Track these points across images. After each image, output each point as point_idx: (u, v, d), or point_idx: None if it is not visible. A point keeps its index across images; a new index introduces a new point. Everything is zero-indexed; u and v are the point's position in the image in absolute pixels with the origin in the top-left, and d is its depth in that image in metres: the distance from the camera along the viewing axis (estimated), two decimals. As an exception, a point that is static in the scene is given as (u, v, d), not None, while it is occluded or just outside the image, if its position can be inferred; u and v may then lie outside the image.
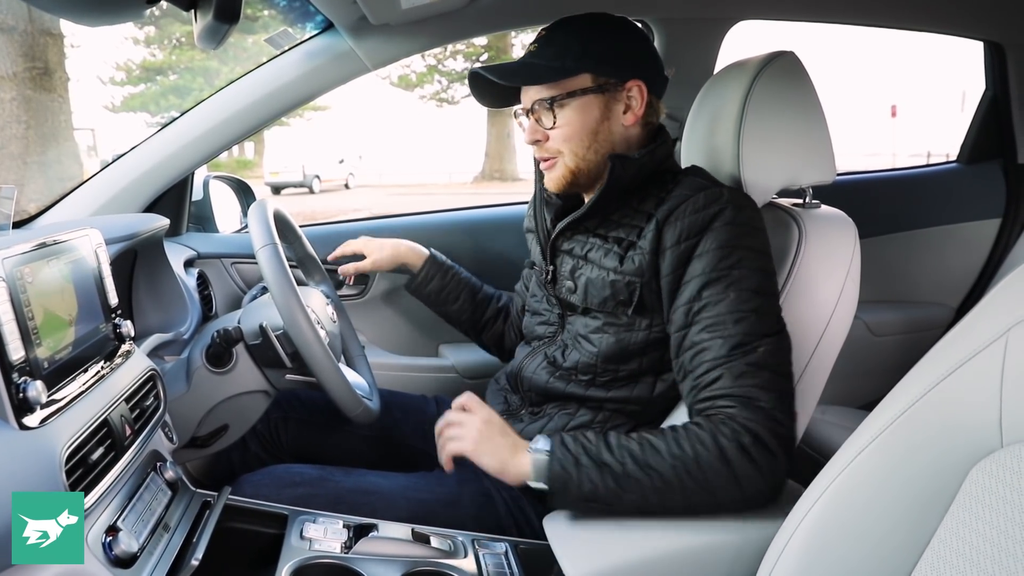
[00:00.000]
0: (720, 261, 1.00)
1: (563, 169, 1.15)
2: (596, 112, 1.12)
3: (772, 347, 0.97)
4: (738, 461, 0.91)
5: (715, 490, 0.91)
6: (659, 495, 0.92)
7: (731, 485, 0.91)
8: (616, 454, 0.94)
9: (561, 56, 1.10)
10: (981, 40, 2.14)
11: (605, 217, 1.15)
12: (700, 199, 1.04)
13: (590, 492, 0.93)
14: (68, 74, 5.07)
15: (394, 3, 1.35)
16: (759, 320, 0.98)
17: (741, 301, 0.98)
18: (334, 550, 0.99)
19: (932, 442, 0.63)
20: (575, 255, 1.18)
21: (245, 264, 1.79)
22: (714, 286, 1.00)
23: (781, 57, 1.18)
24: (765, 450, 0.91)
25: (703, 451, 0.92)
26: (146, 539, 0.89)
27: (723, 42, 1.89)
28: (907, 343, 2.13)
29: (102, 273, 0.98)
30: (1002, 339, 0.59)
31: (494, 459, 1.01)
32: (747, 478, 0.91)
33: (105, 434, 0.86)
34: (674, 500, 0.92)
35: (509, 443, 1.02)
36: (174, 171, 1.55)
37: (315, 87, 1.58)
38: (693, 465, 0.91)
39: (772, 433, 0.92)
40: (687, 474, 0.91)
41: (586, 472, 0.93)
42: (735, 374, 0.96)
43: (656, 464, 0.92)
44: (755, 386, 0.95)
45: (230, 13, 0.71)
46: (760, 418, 0.93)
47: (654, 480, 0.92)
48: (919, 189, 2.26)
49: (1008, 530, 0.57)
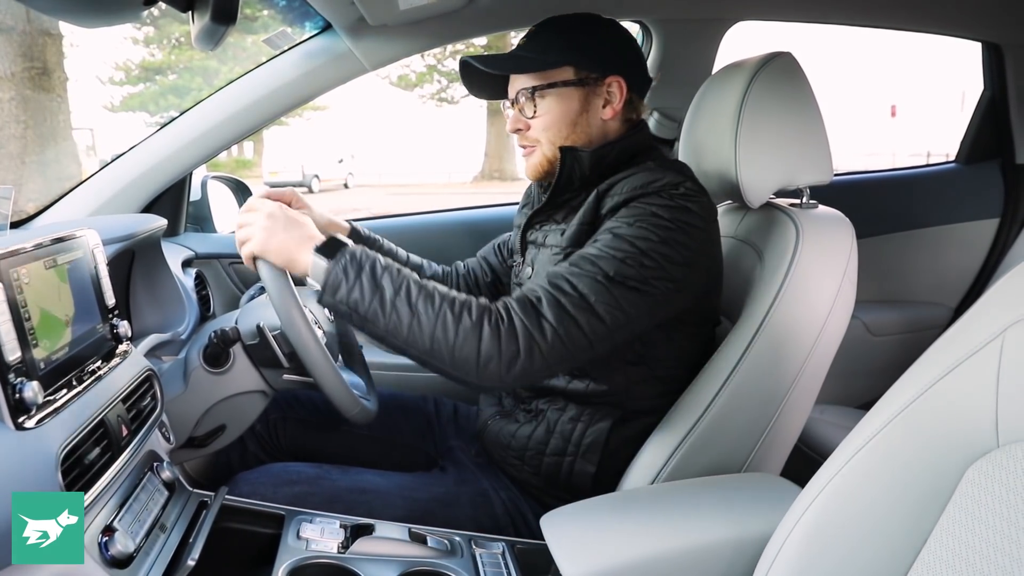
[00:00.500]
0: (623, 218, 1.03)
1: (540, 157, 1.19)
2: (576, 104, 1.16)
3: (601, 285, 0.97)
4: (488, 339, 0.94)
5: (458, 348, 0.94)
6: (410, 333, 0.95)
7: (471, 354, 0.94)
8: (395, 283, 0.96)
9: (546, 49, 1.16)
10: (979, 41, 2.14)
11: (573, 209, 1.18)
12: (639, 178, 1.08)
13: (354, 302, 0.95)
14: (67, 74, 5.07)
15: (392, 4, 1.35)
16: (614, 262, 0.99)
17: (612, 246, 1.00)
18: (331, 550, 1.00)
19: (928, 442, 0.63)
20: (538, 244, 1.23)
21: (242, 264, 1.79)
22: (605, 234, 1.03)
23: (778, 58, 1.18)
24: (513, 344, 0.94)
25: (466, 317, 0.95)
26: (142, 539, 0.90)
27: (721, 43, 1.89)
28: (905, 343, 2.14)
29: (99, 274, 0.98)
30: (998, 340, 0.59)
31: (280, 257, 1.01)
32: (487, 357, 0.94)
33: (101, 434, 0.86)
34: (418, 344, 0.95)
35: (295, 238, 1.01)
36: (172, 171, 1.55)
37: (314, 88, 1.58)
38: (452, 324, 0.94)
39: (529, 337, 0.94)
40: (443, 327, 0.94)
41: (360, 286, 0.95)
42: (548, 280, 0.99)
43: (423, 308, 0.95)
44: (551, 294, 0.97)
45: (227, 15, 0.71)
46: (528, 317, 0.95)
47: (413, 321, 0.95)
48: (918, 189, 2.26)
49: (1004, 530, 0.57)
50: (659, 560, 0.91)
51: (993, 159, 2.24)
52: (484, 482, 1.24)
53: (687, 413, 1.13)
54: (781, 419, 1.14)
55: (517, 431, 1.21)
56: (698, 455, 1.11)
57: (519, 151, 1.24)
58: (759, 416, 1.13)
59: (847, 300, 1.15)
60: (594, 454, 1.15)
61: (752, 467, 1.15)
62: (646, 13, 1.82)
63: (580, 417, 1.17)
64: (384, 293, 0.95)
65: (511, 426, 1.23)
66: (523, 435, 1.21)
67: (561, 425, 1.18)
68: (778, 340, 1.11)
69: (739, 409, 1.11)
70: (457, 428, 1.45)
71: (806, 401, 1.16)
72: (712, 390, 1.11)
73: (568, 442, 1.17)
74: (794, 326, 1.12)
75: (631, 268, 0.98)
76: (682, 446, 1.11)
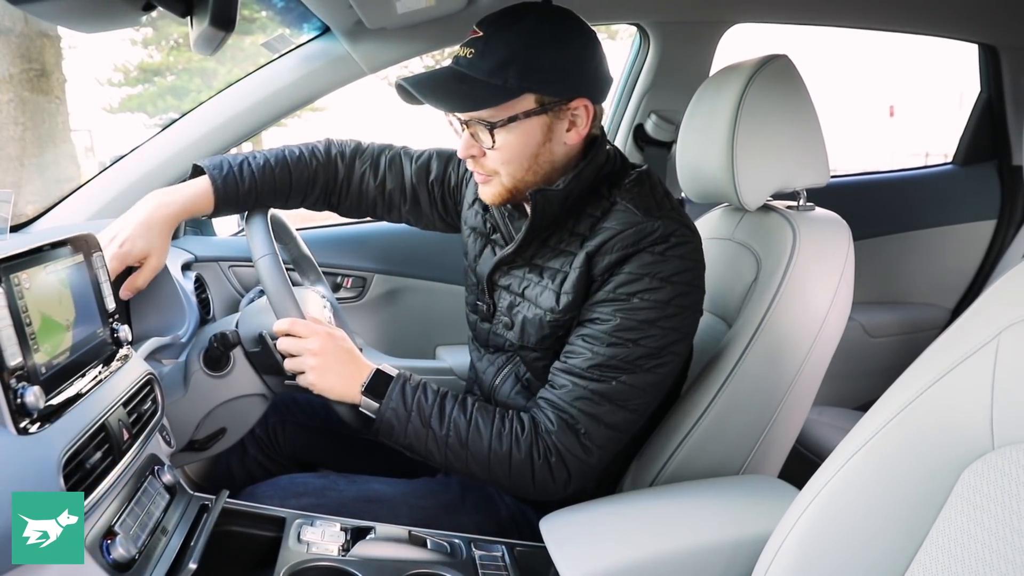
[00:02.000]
0: (624, 285, 1.01)
1: (499, 187, 1.08)
2: (538, 135, 1.03)
3: (630, 383, 1.01)
4: (540, 470, 1.02)
5: (513, 479, 1.03)
6: (464, 468, 1.04)
7: (527, 482, 1.03)
8: (445, 424, 1.04)
9: (503, 71, 0.98)
10: (976, 43, 2.15)
11: (542, 243, 1.10)
12: (629, 236, 1.01)
13: (407, 445, 1.05)
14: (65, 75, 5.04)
15: (390, 8, 1.35)
16: (633, 350, 1.00)
17: (623, 328, 1.00)
18: (331, 553, 1.00)
19: (925, 444, 0.64)
20: (512, 291, 1.14)
21: (242, 267, 1.79)
22: (609, 305, 1.02)
23: (775, 61, 1.19)
24: (564, 471, 1.02)
25: (516, 453, 1.02)
26: (144, 543, 0.89)
27: (718, 45, 1.89)
28: (903, 344, 2.14)
29: (100, 278, 0.98)
30: (993, 342, 0.60)
31: (333, 395, 1.07)
32: (542, 483, 1.03)
33: (103, 439, 0.86)
34: (476, 476, 1.05)
35: (345, 376, 1.07)
36: (172, 175, 1.55)
37: (312, 91, 1.58)
38: (504, 459, 1.02)
39: (578, 461, 1.02)
40: (497, 463, 1.03)
41: (412, 428, 1.03)
42: (578, 395, 1.02)
43: (474, 447, 1.03)
44: (586, 413, 1.02)
45: (226, 20, 0.71)
46: (572, 445, 1.02)
47: (467, 458, 1.03)
48: (915, 191, 2.27)
49: (999, 532, 0.57)
50: (657, 562, 0.91)
51: (990, 161, 2.24)
52: (490, 488, 1.23)
53: (685, 416, 1.13)
54: (779, 421, 1.14)
55: None
56: (696, 457, 1.12)
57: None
58: (757, 418, 1.14)
59: (844, 302, 1.15)
60: None
61: (750, 469, 1.15)
62: (643, 15, 1.82)
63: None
64: (435, 434, 1.04)
65: None
66: None
67: None
68: (776, 343, 1.11)
69: (737, 411, 1.12)
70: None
71: (804, 403, 1.17)
72: (710, 393, 1.12)
73: None
74: (791, 328, 1.12)
75: (648, 348, 1.01)
76: (680, 448, 1.12)
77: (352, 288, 1.88)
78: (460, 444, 1.03)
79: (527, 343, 1.12)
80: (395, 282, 1.88)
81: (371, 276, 1.88)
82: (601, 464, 1.05)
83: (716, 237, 1.36)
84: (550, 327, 1.08)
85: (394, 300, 1.91)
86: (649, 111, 1.92)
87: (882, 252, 2.18)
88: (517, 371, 1.16)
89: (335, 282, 1.86)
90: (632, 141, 1.95)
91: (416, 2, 1.34)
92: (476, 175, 1.10)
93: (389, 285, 1.89)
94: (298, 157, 1.30)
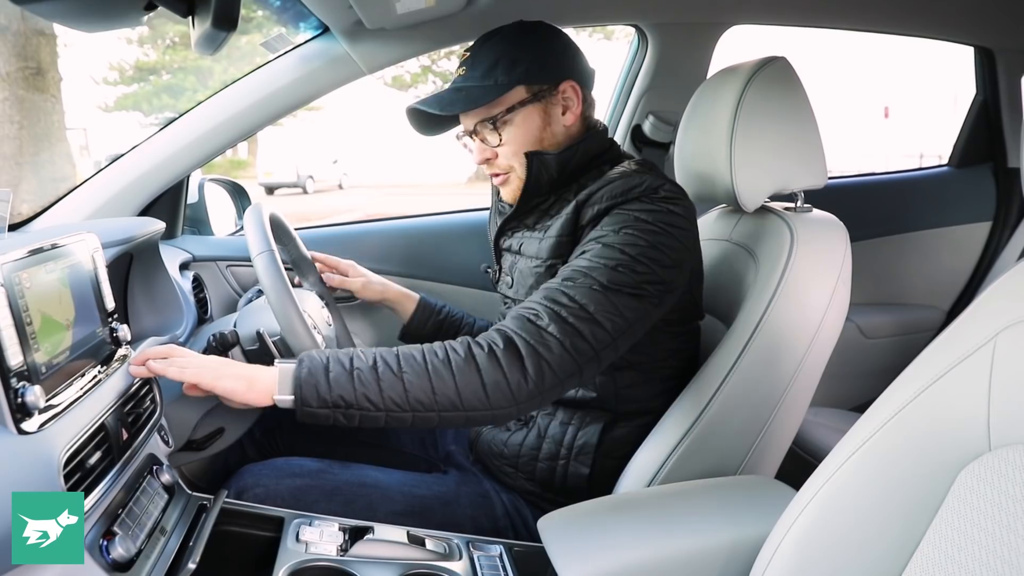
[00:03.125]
0: (609, 225, 1.03)
1: (516, 182, 1.18)
2: (538, 120, 1.15)
3: (599, 294, 0.96)
4: (487, 368, 0.90)
5: (460, 392, 0.90)
6: (408, 398, 0.89)
7: (477, 389, 0.90)
8: (367, 359, 0.91)
9: (491, 73, 1.13)
10: (971, 45, 2.16)
11: (543, 212, 1.19)
12: (618, 184, 1.07)
13: (338, 397, 0.89)
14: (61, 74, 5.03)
15: (389, 8, 1.35)
16: (608, 272, 0.98)
17: (603, 255, 0.99)
18: (330, 553, 1.00)
19: (921, 446, 0.64)
20: (512, 251, 1.23)
21: (240, 267, 1.79)
22: (593, 244, 1.02)
23: (773, 63, 1.19)
24: (516, 360, 0.91)
25: (455, 356, 0.91)
26: (143, 542, 0.90)
27: (716, 46, 1.90)
28: (899, 345, 2.15)
29: (99, 277, 0.99)
30: (990, 344, 0.60)
31: (238, 381, 0.92)
32: (493, 384, 0.90)
33: (102, 438, 0.86)
34: (424, 404, 0.90)
35: (243, 373, 0.94)
36: (170, 174, 1.55)
37: (311, 91, 1.58)
38: (444, 370, 0.90)
39: (531, 348, 0.91)
40: (437, 378, 0.89)
41: (335, 376, 0.89)
42: (544, 296, 0.97)
43: (408, 369, 0.90)
44: (549, 307, 0.94)
45: (228, 20, 0.71)
46: (526, 332, 0.92)
47: (405, 386, 0.89)
48: (911, 192, 2.28)
49: (996, 533, 0.58)
50: (655, 563, 0.91)
51: (985, 163, 2.25)
52: (487, 484, 1.24)
53: (683, 416, 1.14)
54: (776, 422, 1.15)
55: (509, 439, 1.22)
56: (694, 458, 1.12)
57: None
58: (754, 419, 1.14)
59: (841, 304, 1.16)
60: (587, 455, 1.16)
61: (747, 470, 1.16)
62: (642, 17, 1.82)
63: (571, 421, 1.18)
64: (363, 375, 0.90)
65: (502, 435, 1.24)
66: (515, 442, 1.21)
67: (552, 430, 1.19)
68: (773, 344, 1.12)
69: (734, 412, 1.12)
70: (456, 434, 1.46)
71: (801, 404, 1.17)
72: (708, 393, 1.12)
73: (560, 445, 1.18)
74: (789, 330, 1.12)
75: (624, 275, 0.98)
76: (678, 449, 1.12)
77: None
78: (393, 374, 0.89)
79: (519, 295, 1.16)
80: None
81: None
82: (562, 378, 0.93)
83: (713, 238, 1.36)
84: (534, 274, 1.13)
85: (392, 300, 1.91)
86: (647, 112, 1.92)
87: (878, 253, 2.19)
88: None
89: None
90: (630, 142, 1.96)
91: (416, 2, 1.34)
92: (494, 179, 1.21)
93: None
94: None
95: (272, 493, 1.15)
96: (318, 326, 1.24)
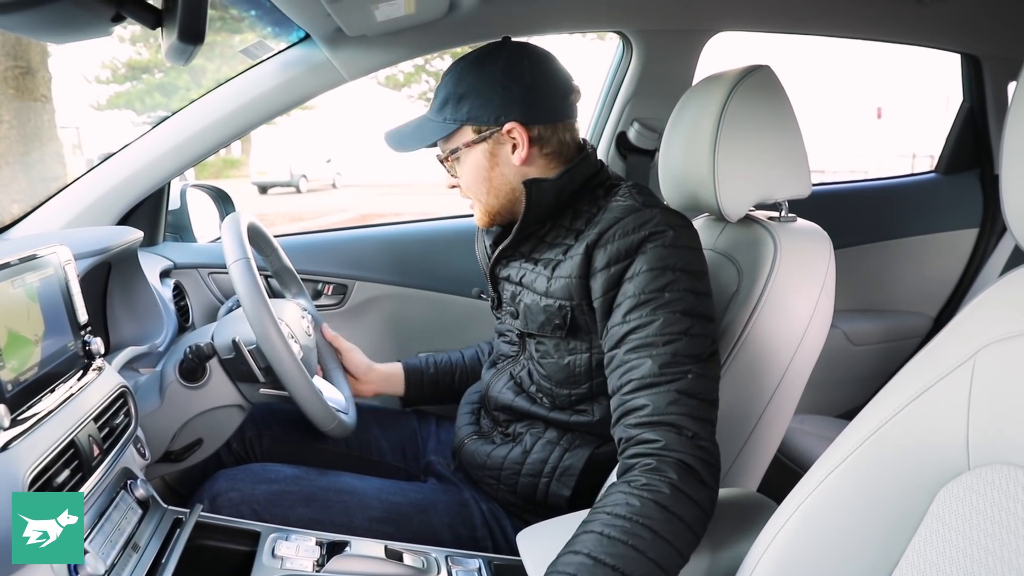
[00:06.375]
0: (650, 283, 0.99)
1: (480, 211, 1.19)
2: (484, 161, 1.13)
3: (701, 373, 0.96)
4: (679, 508, 0.86)
5: (680, 547, 0.85)
6: (638, 553, 0.82)
7: (683, 532, 0.86)
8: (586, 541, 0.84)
9: (443, 109, 1.13)
10: (958, 52, 2.16)
11: (540, 239, 1.15)
12: (629, 222, 1.03)
13: None
14: (51, 73, 5.01)
15: (369, 15, 1.34)
16: (689, 342, 0.96)
17: (670, 323, 0.97)
18: (306, 568, 0.99)
19: (902, 463, 0.64)
20: (512, 281, 1.19)
21: (222, 274, 1.78)
22: (644, 308, 0.99)
23: (757, 71, 1.19)
24: (697, 481, 0.88)
25: (649, 521, 0.85)
26: (115, 559, 0.88)
27: (701, 53, 1.89)
28: (886, 352, 2.15)
29: (71, 290, 0.97)
30: (970, 362, 0.60)
31: None
32: (693, 518, 0.87)
33: (72, 455, 0.85)
34: (650, 552, 0.84)
35: None
36: (150, 181, 1.54)
37: (292, 97, 1.57)
38: (651, 536, 0.84)
39: (702, 461, 0.90)
40: (651, 544, 0.84)
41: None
42: (665, 401, 0.93)
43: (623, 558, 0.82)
44: (684, 414, 0.92)
45: (194, 34, 0.70)
46: (689, 448, 0.90)
47: (624, 543, 0.83)
48: (898, 199, 2.28)
49: (973, 553, 0.58)
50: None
51: (972, 169, 2.26)
52: (467, 493, 1.24)
53: (664, 428, 1.13)
54: (759, 433, 1.14)
55: (493, 451, 1.21)
56: (675, 471, 1.11)
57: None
58: (737, 430, 1.14)
59: (825, 313, 1.16)
60: (570, 477, 1.15)
61: (730, 481, 1.15)
62: (626, 24, 1.82)
63: (559, 442, 1.16)
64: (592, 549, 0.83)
65: (487, 447, 1.23)
66: (499, 455, 1.20)
67: (538, 448, 1.17)
68: (756, 354, 1.11)
69: (718, 422, 1.12)
70: (439, 443, 1.45)
71: (785, 414, 1.17)
72: (689, 406, 1.11)
73: (545, 464, 1.16)
74: (772, 340, 1.12)
75: (698, 337, 0.97)
76: (659, 462, 1.11)
77: (333, 295, 1.87)
78: (613, 540, 0.83)
79: (531, 329, 1.15)
80: (376, 289, 1.87)
81: (352, 283, 1.87)
82: (718, 459, 0.93)
83: (697, 247, 1.35)
84: (544, 312, 1.11)
85: (375, 307, 1.90)
86: (632, 119, 1.92)
87: (865, 260, 2.19)
88: (512, 369, 1.23)
89: (315, 289, 1.85)
90: (615, 149, 1.95)
91: (396, 9, 1.33)
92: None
93: (370, 292, 1.88)
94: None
95: (248, 498, 1.14)
96: (296, 335, 1.22)
